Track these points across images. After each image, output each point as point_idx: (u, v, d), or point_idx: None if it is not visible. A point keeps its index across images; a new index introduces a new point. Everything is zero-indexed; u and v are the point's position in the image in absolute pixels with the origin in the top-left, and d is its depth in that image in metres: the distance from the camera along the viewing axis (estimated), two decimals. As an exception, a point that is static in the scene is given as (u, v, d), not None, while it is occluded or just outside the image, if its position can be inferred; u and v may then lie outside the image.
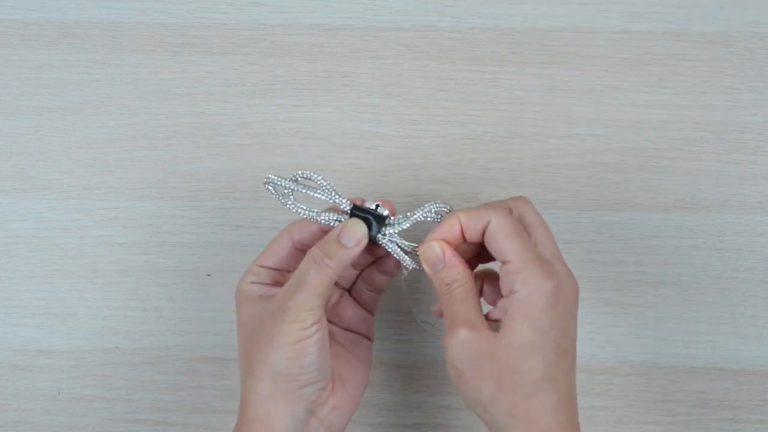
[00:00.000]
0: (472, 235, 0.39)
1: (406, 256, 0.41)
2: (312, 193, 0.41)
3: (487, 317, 0.38)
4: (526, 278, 0.36)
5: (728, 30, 0.52)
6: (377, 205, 0.41)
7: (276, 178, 0.41)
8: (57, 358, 0.51)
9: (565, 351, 0.37)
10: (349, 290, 0.45)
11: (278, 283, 0.41)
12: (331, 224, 0.41)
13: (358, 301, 0.45)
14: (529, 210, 0.39)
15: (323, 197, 0.41)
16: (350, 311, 0.44)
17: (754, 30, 0.52)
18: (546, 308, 0.36)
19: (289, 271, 0.42)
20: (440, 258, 0.39)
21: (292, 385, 0.38)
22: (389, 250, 0.41)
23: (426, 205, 0.41)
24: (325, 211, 0.41)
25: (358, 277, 0.45)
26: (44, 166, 0.52)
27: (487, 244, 0.38)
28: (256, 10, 0.53)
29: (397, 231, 0.41)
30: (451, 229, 0.39)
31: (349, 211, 0.41)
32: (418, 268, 0.41)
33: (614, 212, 0.51)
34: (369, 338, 0.44)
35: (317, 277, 0.38)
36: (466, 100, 0.52)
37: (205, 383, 0.51)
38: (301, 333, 0.38)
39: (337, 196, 0.41)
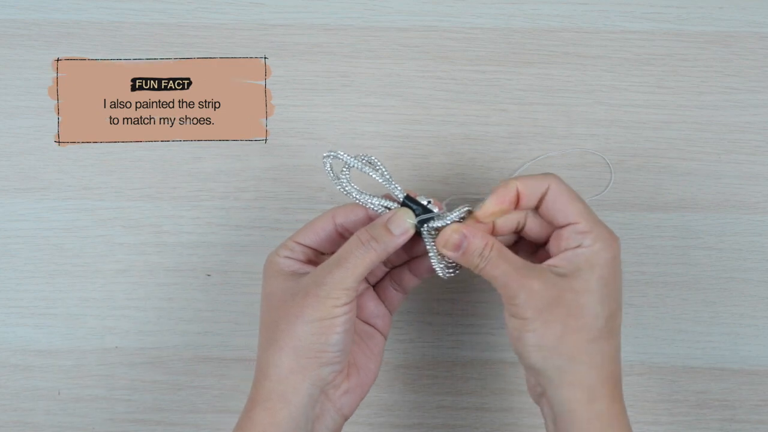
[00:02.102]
0: (528, 202, 0.40)
1: (438, 262, 0.41)
2: (371, 174, 0.42)
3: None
4: (596, 236, 0.38)
5: (728, 30, 0.52)
6: (429, 201, 0.41)
7: (340, 153, 0.42)
8: (57, 358, 0.51)
9: (620, 307, 0.39)
10: (374, 286, 0.45)
11: (311, 262, 0.42)
12: (379, 210, 0.41)
13: (381, 298, 0.45)
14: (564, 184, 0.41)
15: (380, 180, 0.42)
16: (371, 305, 0.44)
17: (754, 30, 0.52)
18: (610, 264, 0.38)
19: (324, 253, 0.43)
20: (460, 238, 0.39)
21: (313, 361, 0.39)
22: (428, 249, 0.41)
23: (457, 209, 0.41)
24: (376, 196, 0.42)
25: (386, 274, 0.45)
26: (44, 166, 0.52)
27: (544, 210, 0.40)
28: (256, 10, 0.53)
29: (438, 227, 0.40)
30: (507, 194, 0.40)
31: (401, 200, 0.41)
32: (448, 273, 0.41)
33: (614, 212, 0.51)
34: (383, 334, 0.45)
35: (360, 258, 0.39)
36: (466, 100, 0.52)
37: (205, 383, 0.51)
38: (332, 310, 0.38)
39: (392, 184, 0.42)
